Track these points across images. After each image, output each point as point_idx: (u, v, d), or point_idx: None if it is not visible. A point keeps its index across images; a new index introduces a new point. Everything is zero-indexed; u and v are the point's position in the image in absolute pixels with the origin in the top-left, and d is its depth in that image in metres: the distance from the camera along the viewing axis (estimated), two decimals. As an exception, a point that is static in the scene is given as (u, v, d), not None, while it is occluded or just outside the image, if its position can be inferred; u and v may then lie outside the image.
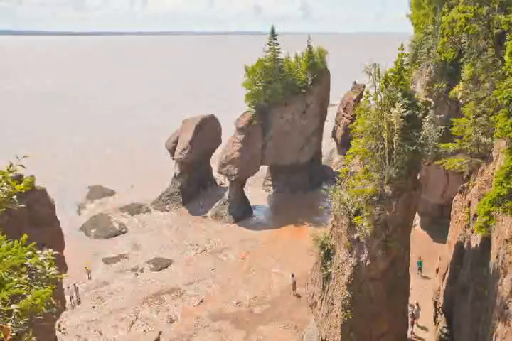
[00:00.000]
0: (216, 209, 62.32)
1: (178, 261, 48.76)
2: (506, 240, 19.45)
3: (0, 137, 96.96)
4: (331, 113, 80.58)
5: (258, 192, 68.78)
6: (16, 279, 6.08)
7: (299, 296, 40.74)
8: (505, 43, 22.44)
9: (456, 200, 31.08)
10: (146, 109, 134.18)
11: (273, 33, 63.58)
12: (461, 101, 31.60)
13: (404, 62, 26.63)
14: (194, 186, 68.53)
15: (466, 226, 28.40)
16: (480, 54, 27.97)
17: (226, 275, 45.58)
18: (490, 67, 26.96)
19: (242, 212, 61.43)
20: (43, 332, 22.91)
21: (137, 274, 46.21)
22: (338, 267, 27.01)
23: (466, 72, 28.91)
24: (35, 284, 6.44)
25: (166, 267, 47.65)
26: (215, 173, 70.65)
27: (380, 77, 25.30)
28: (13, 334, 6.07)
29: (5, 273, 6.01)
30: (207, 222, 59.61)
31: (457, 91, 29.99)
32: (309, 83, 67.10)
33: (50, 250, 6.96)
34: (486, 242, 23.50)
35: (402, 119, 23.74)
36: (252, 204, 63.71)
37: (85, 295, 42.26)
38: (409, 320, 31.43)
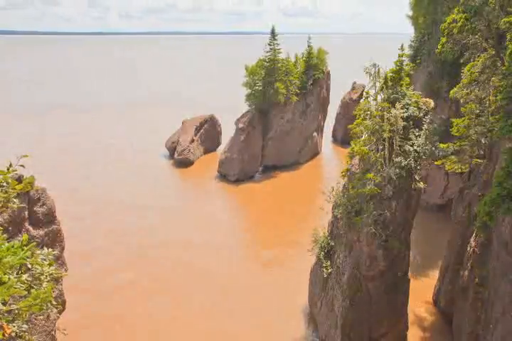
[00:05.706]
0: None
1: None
2: (506, 240, 19.46)
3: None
4: (331, 113, 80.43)
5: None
6: (15, 279, 6.08)
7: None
8: (506, 43, 22.45)
9: (456, 201, 31.05)
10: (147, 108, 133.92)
11: (273, 33, 63.43)
12: (461, 101, 31.61)
13: (404, 63, 26.63)
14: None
15: (466, 227, 28.40)
16: (480, 54, 27.98)
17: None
18: (490, 67, 26.95)
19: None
20: (43, 332, 22.92)
21: None
22: (338, 267, 26.99)
23: (466, 72, 28.93)
24: (35, 284, 6.44)
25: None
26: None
27: (379, 77, 25.32)
28: (13, 334, 6.07)
29: (5, 273, 6.01)
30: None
31: (457, 91, 29.97)
32: (309, 83, 67.10)
33: (50, 250, 6.96)
34: (486, 242, 23.51)
35: (402, 120, 23.76)
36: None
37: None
38: None
